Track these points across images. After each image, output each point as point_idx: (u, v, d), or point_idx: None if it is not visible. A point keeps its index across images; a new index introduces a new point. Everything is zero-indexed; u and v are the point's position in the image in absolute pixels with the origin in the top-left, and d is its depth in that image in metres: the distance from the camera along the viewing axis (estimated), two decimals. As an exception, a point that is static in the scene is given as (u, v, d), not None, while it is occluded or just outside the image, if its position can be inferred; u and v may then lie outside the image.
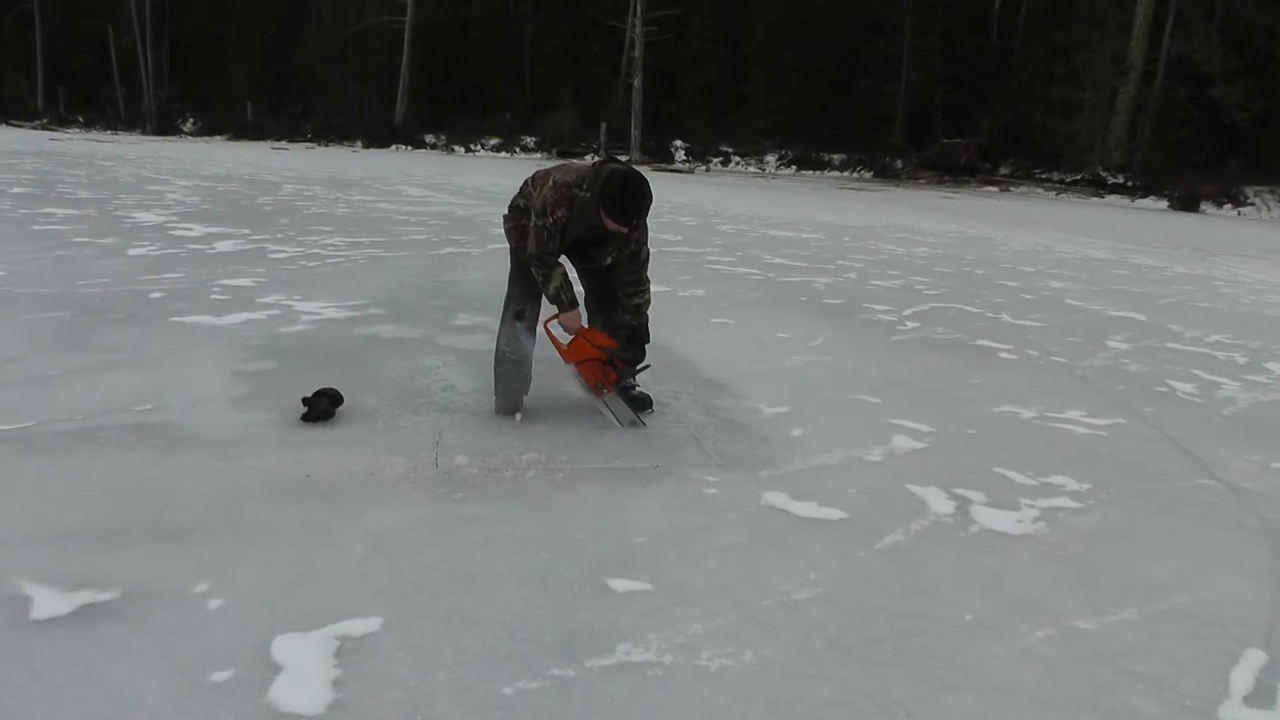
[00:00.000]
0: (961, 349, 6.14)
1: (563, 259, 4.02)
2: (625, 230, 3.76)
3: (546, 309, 4.10)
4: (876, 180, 34.06)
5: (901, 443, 4.08)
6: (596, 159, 3.95)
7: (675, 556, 2.87)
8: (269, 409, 4.03)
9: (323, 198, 14.64)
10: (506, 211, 4.13)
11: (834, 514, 3.26)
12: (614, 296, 4.14)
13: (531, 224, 3.88)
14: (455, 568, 2.72)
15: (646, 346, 4.18)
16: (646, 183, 3.77)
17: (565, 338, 4.09)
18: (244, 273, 7.30)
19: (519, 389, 4.15)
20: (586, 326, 4.07)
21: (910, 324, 6.91)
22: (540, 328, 4.13)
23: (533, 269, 3.94)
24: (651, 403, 4.29)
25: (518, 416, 4.09)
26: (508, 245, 4.17)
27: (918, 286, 8.84)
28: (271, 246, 8.86)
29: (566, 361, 4.06)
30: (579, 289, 4.16)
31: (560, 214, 3.79)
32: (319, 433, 3.79)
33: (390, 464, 3.48)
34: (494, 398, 4.16)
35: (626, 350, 4.08)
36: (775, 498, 3.37)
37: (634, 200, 3.73)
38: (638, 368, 4.18)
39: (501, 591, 2.61)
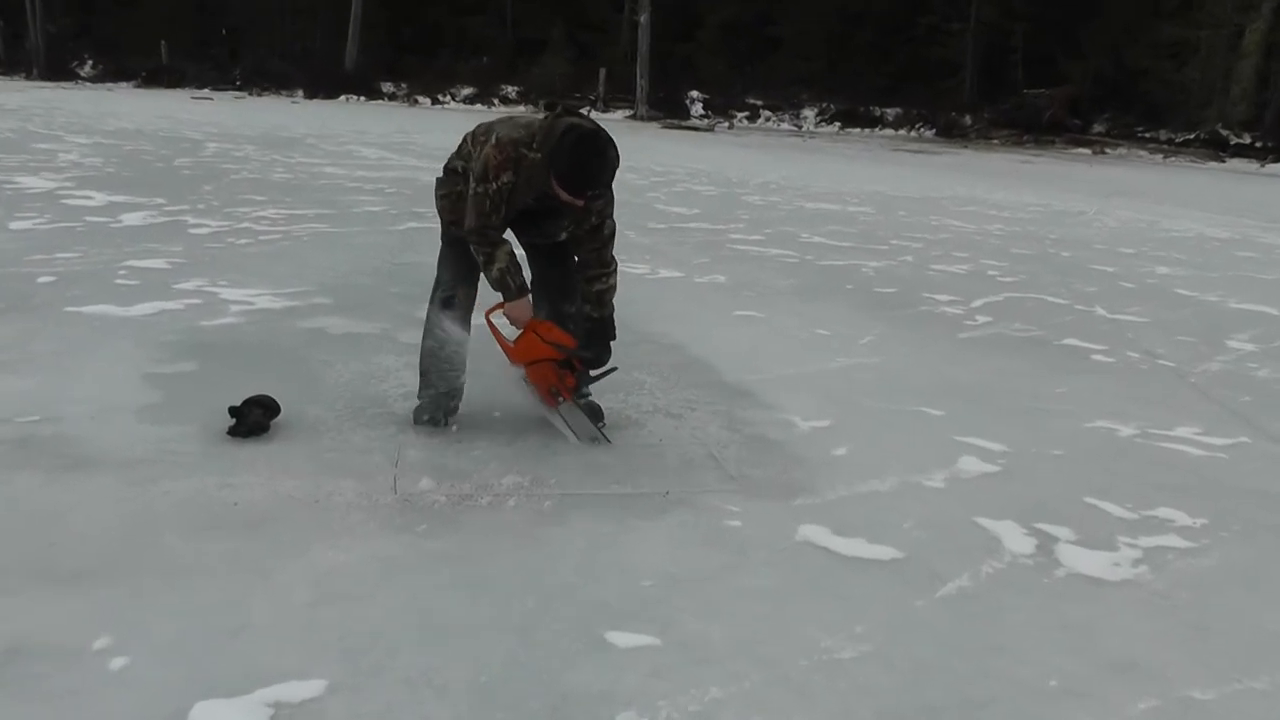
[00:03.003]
0: (1044, 349, 6.15)
1: (508, 234, 3.98)
2: (580, 204, 3.72)
3: (485, 294, 4.07)
4: (940, 140, 34.07)
5: (969, 465, 4.09)
6: (548, 110, 3.86)
7: (690, 604, 2.87)
8: (188, 420, 4.03)
9: (255, 160, 14.67)
10: (441, 174, 4.07)
11: (886, 553, 3.26)
12: (564, 280, 4.10)
13: (470, 191, 3.83)
14: (419, 617, 2.73)
15: (613, 344, 4.13)
16: (609, 144, 3.69)
17: (512, 333, 4.04)
18: (157, 252, 7.33)
19: (449, 395, 4.15)
20: (539, 319, 4.00)
21: (981, 318, 6.93)
22: (484, 320, 4.08)
23: (472, 247, 3.89)
24: (603, 415, 4.27)
25: (453, 427, 4.11)
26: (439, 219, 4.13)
27: (990, 272, 8.85)
28: (192, 220, 8.88)
29: (514, 362, 4.02)
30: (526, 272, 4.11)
31: (505, 179, 3.73)
32: (251, 450, 3.80)
33: (339, 489, 3.49)
34: (417, 401, 4.19)
35: (588, 349, 4.03)
36: (813, 532, 3.37)
37: (591, 167, 3.65)
38: (601, 370, 4.12)
39: (476, 646, 2.61)
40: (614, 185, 3.92)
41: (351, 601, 2.78)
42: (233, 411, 3.94)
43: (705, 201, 12.93)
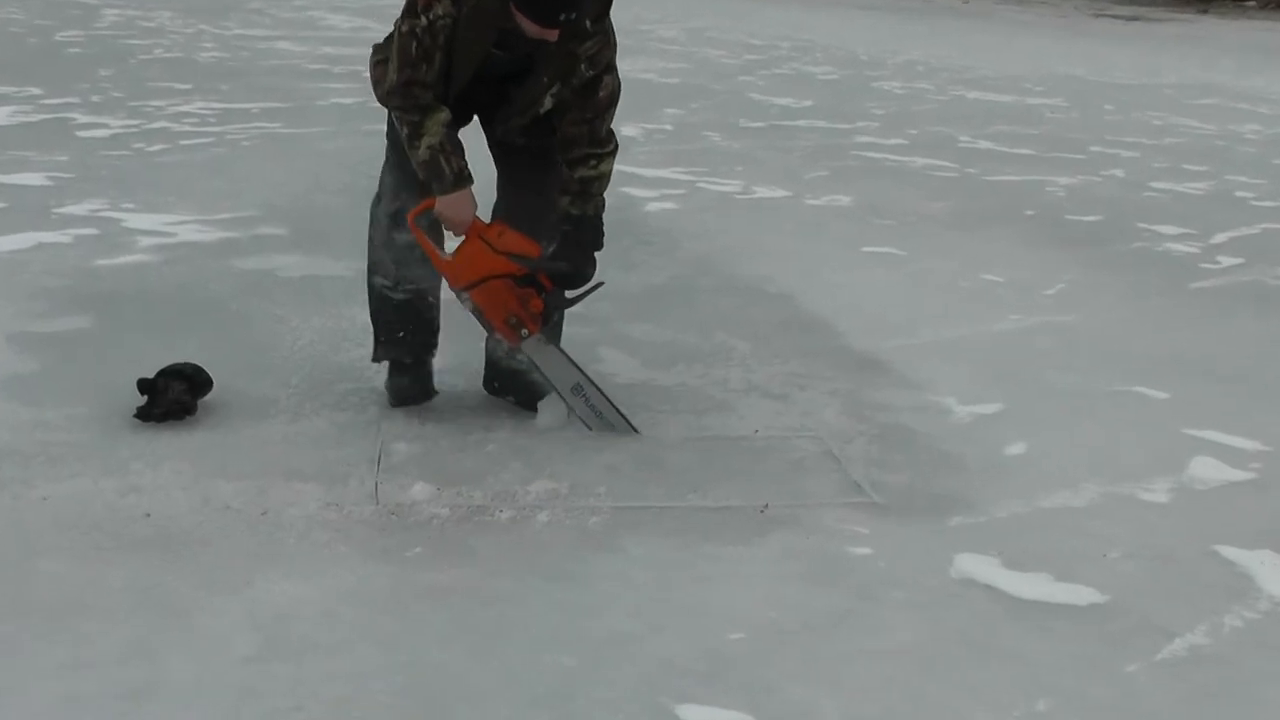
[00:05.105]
0: (1321, 305, 6.07)
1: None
2: (553, 34, 3.66)
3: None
4: (1164, 3, 33.58)
5: (1207, 470, 4.04)
6: None
7: (795, 665, 2.86)
8: (79, 399, 4.08)
9: (175, 33, 14.79)
10: (380, 43, 4.07)
11: (1082, 595, 3.23)
12: (542, 186, 4.08)
13: (395, 34, 3.82)
14: (409, 678, 2.74)
15: (598, 254, 4.07)
16: None
17: (451, 242, 4.02)
18: (32, 163, 7.42)
19: (418, 349, 4.19)
20: (487, 222, 3.96)
21: (1225, 259, 6.87)
22: (408, 223, 4.02)
23: (395, 117, 3.91)
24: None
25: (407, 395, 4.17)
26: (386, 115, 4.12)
27: (1240, 193, 8.74)
28: (82, 118, 8.98)
29: (454, 286, 3.98)
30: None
31: (441, 11, 3.69)
32: (169, 441, 3.83)
33: (295, 496, 3.51)
34: (385, 378, 4.24)
35: (562, 258, 3.98)
36: (975, 565, 3.34)
37: None
38: (582, 290, 4.06)
39: (488, 722, 2.64)
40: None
41: (312, 655, 2.79)
42: (144, 386, 3.97)
43: (822, 89, 12.85)
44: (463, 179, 3.85)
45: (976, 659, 2.93)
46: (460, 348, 4.37)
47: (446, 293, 4.08)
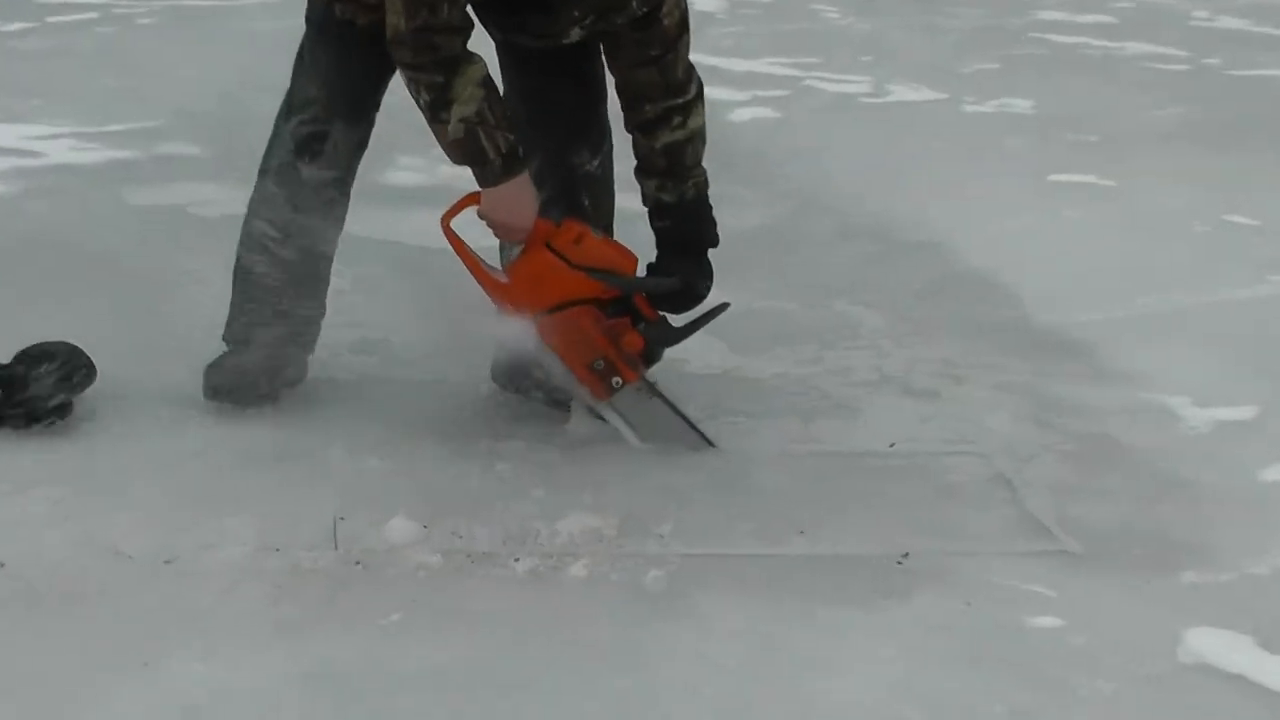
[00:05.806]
0: None
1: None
2: None
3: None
4: None
5: None
6: None
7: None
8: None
9: None
10: None
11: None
12: (575, 101, 4.13)
13: None
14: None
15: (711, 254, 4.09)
16: None
17: (498, 254, 4.06)
18: None
19: (285, 345, 4.23)
20: (556, 222, 3.88)
21: None
22: (441, 229, 3.98)
23: (404, 77, 3.82)
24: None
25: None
26: None
27: None
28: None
29: (509, 308, 3.93)
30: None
31: None
32: (32, 455, 3.84)
33: (217, 536, 3.50)
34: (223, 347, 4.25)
35: (665, 268, 4.00)
36: (1216, 643, 3.28)
37: None
38: (695, 317, 4.06)
39: None
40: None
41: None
42: (-1, 375, 4.00)
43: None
44: (514, 162, 3.77)
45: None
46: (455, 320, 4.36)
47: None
